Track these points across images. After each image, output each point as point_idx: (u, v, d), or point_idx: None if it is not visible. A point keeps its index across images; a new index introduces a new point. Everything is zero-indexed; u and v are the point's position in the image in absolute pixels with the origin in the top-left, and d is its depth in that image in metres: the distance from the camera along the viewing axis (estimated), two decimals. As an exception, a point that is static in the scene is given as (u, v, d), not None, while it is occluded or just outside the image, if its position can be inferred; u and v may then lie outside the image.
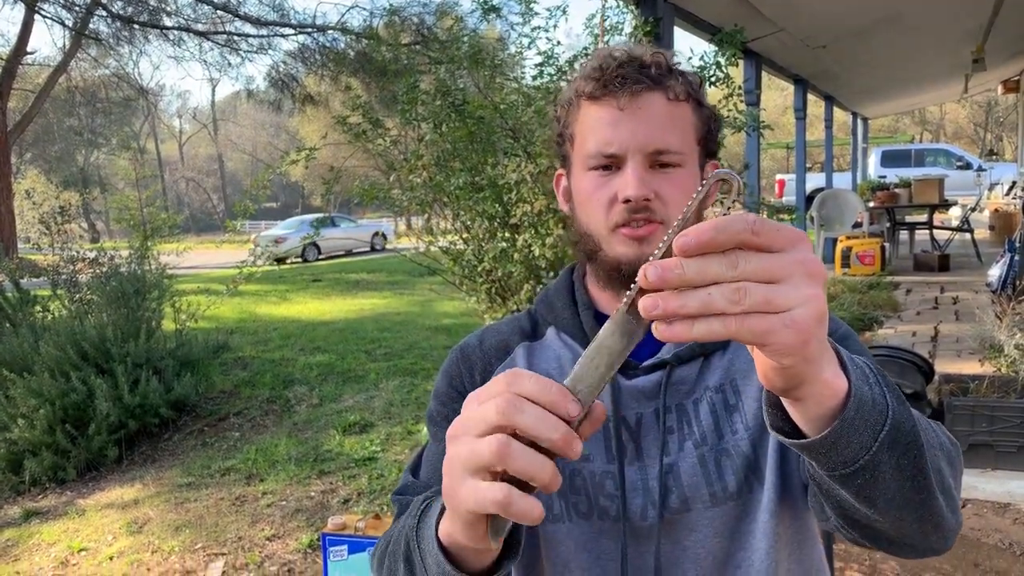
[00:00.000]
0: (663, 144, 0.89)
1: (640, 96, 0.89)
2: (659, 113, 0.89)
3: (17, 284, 5.78)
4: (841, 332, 0.95)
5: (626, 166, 0.90)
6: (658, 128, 0.89)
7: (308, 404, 5.80)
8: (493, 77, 3.74)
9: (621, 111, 0.89)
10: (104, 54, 20.27)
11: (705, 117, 0.94)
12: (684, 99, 0.91)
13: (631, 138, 0.89)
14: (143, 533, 3.85)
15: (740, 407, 0.93)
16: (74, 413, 4.78)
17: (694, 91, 0.93)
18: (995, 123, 40.52)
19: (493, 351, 1.04)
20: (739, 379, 0.94)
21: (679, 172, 0.91)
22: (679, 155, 0.90)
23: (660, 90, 0.90)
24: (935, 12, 6.25)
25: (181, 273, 6.73)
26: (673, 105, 0.90)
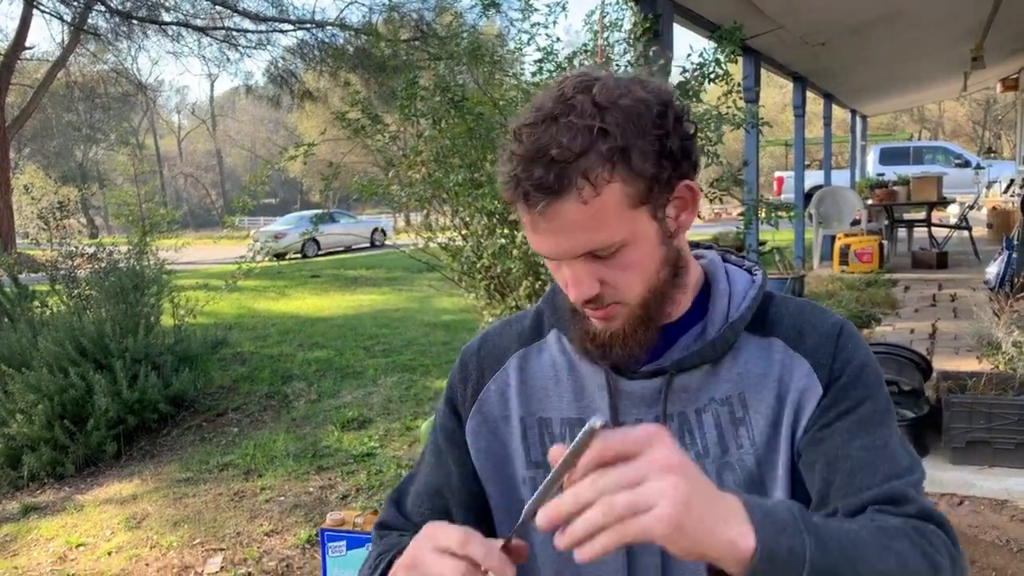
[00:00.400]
0: (588, 247, 0.82)
1: (549, 211, 0.79)
2: (575, 221, 0.79)
3: (16, 279, 5.78)
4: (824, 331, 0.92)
5: (563, 266, 0.85)
6: (578, 237, 0.80)
7: (306, 400, 5.81)
8: (492, 73, 3.74)
9: (538, 227, 0.82)
10: (103, 49, 20.24)
11: (647, 169, 0.80)
12: (606, 181, 0.78)
13: (556, 248, 0.83)
14: (141, 528, 3.86)
15: (748, 421, 0.91)
16: (72, 408, 4.78)
17: (620, 154, 0.78)
18: (993, 121, 40.53)
19: (489, 359, 1.03)
20: (748, 393, 0.91)
21: (623, 252, 0.83)
22: (613, 245, 0.82)
23: (569, 196, 0.78)
24: (934, 9, 6.25)
25: (179, 269, 6.73)
26: (591, 204, 0.78)
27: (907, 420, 3.54)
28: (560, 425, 0.97)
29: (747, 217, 4.08)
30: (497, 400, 1.01)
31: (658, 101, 0.81)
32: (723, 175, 3.83)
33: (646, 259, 0.85)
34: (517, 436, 0.99)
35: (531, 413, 0.99)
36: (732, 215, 22.32)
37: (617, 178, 0.79)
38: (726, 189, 3.83)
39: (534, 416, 0.99)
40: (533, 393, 0.99)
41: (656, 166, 0.80)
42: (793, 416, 0.90)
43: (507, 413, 1.00)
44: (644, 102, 0.80)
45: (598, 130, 0.77)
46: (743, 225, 4.17)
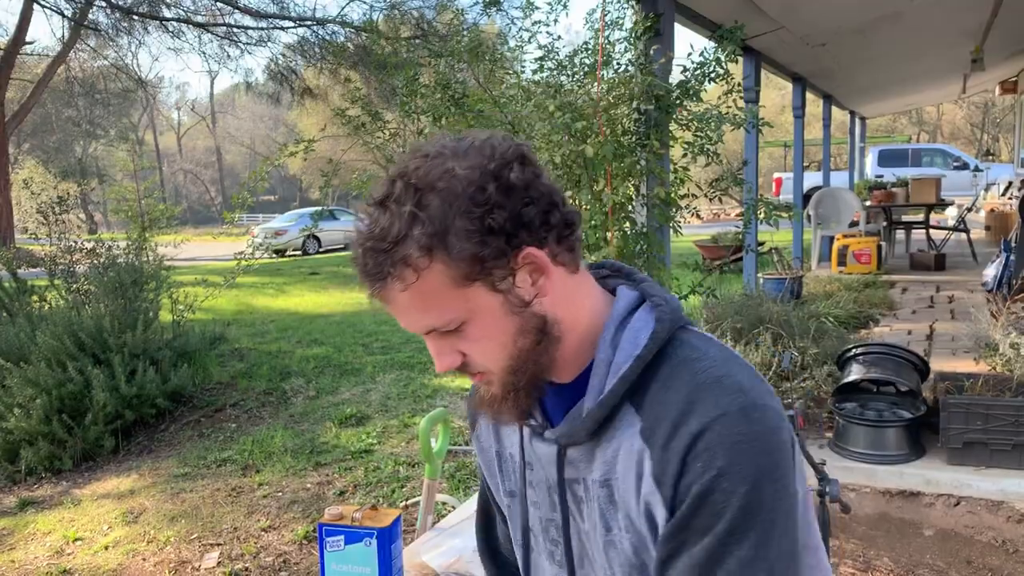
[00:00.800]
0: (426, 327, 0.84)
1: (379, 295, 0.83)
2: (404, 304, 0.82)
3: (14, 274, 5.79)
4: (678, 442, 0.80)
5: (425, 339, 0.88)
6: (412, 317, 0.83)
7: (305, 396, 5.81)
8: (493, 71, 3.75)
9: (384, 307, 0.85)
10: (103, 45, 20.23)
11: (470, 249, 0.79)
12: (424, 267, 0.79)
13: (404, 326, 0.86)
14: (139, 523, 3.86)
15: (622, 506, 0.88)
16: (71, 403, 4.78)
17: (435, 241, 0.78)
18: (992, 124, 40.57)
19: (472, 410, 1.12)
20: (619, 481, 0.87)
21: (469, 326, 0.83)
22: (451, 322, 0.83)
23: (391, 282, 0.80)
24: (934, 12, 6.25)
25: (178, 265, 6.73)
26: (414, 287, 0.80)
27: (904, 420, 3.54)
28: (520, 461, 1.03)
29: (746, 216, 4.08)
30: (486, 433, 1.11)
31: (481, 177, 0.79)
32: (723, 175, 3.84)
33: (495, 331, 0.83)
34: (496, 467, 1.09)
35: (504, 447, 1.08)
36: (731, 216, 22.37)
37: (437, 261, 0.79)
38: (725, 189, 3.83)
39: (505, 450, 1.08)
40: (502, 429, 1.07)
41: (479, 244, 0.79)
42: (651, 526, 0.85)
43: (492, 444, 1.10)
44: (464, 180, 0.79)
45: (413, 215, 0.78)
46: (742, 225, 4.18)
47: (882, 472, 3.46)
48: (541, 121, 3.22)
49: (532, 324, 0.84)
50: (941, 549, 3.08)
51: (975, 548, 3.08)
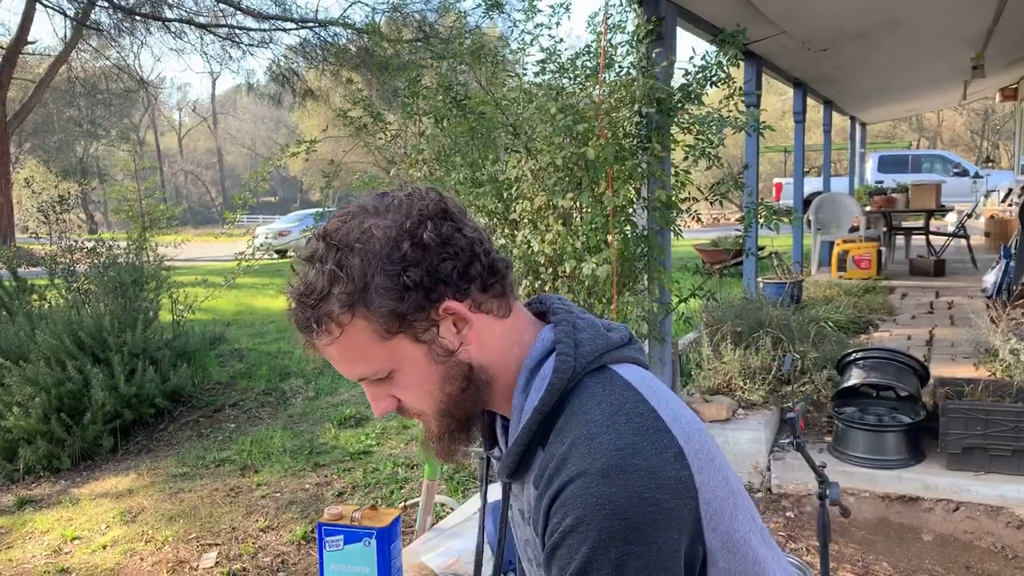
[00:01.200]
0: (356, 376, 0.89)
1: (311, 345, 0.87)
2: (334, 355, 0.87)
3: (15, 273, 5.79)
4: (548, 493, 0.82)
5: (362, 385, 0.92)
6: (343, 366, 0.88)
7: (304, 397, 5.81)
8: (495, 73, 3.75)
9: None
10: (105, 45, 20.25)
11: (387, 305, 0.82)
12: (345, 323, 0.83)
13: (340, 373, 0.90)
14: (137, 522, 3.85)
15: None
16: (70, 402, 4.78)
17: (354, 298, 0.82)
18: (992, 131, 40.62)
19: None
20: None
21: (395, 376, 0.88)
22: (379, 371, 0.87)
23: (319, 335, 0.85)
24: (936, 18, 6.26)
25: (179, 265, 6.73)
26: (340, 340, 0.84)
27: (904, 425, 3.54)
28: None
29: (747, 220, 4.08)
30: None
31: (397, 235, 0.83)
32: (724, 179, 3.84)
33: (421, 380, 0.88)
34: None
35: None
36: (731, 220, 22.37)
37: (359, 316, 0.83)
38: (726, 193, 3.83)
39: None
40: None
41: (397, 300, 0.82)
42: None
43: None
44: (380, 240, 0.83)
45: (334, 274, 0.83)
46: (743, 228, 4.18)
47: (881, 477, 3.46)
48: (543, 123, 3.22)
49: (457, 371, 0.88)
50: (940, 554, 3.08)
51: (974, 554, 3.08)
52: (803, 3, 5.29)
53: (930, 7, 5.84)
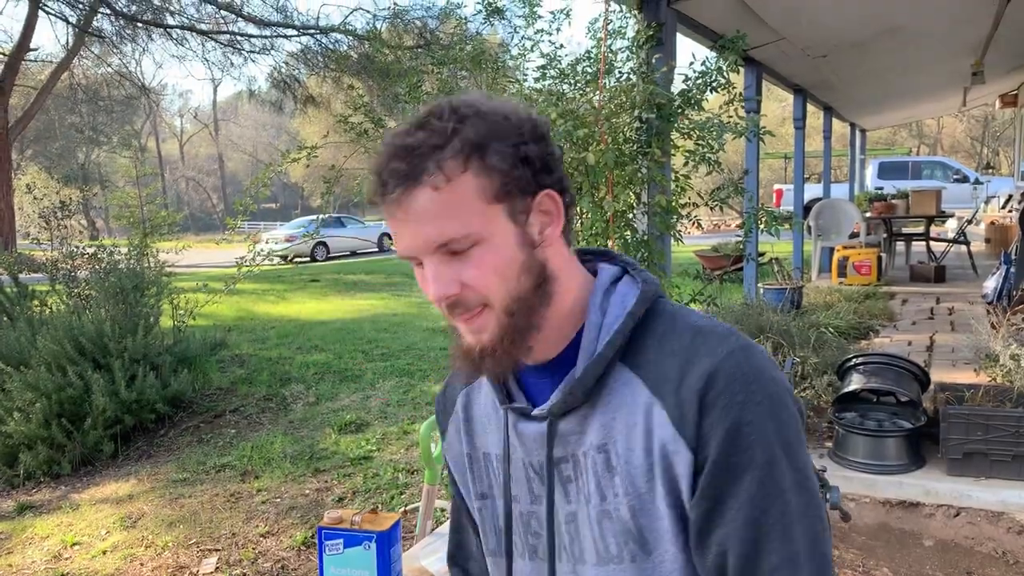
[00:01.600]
0: (442, 238, 0.83)
1: (404, 200, 0.83)
2: (428, 210, 0.82)
3: (16, 278, 5.80)
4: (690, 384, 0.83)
5: (424, 265, 0.87)
6: (432, 226, 0.83)
7: (304, 402, 5.81)
8: (495, 79, 3.76)
9: (395, 218, 0.85)
10: (107, 52, 20.31)
11: (502, 166, 0.83)
12: (459, 172, 0.82)
13: (412, 243, 0.85)
14: (137, 528, 3.85)
15: (620, 470, 0.88)
16: (70, 408, 4.78)
17: (472, 148, 0.82)
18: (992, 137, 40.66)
19: (447, 402, 1.12)
20: (619, 441, 0.88)
21: (479, 250, 0.84)
22: (467, 237, 0.83)
23: (422, 185, 0.82)
24: (935, 25, 6.28)
25: (180, 271, 6.74)
26: (443, 192, 0.82)
27: (904, 431, 3.54)
28: (494, 460, 1.04)
29: (747, 226, 4.09)
30: (455, 438, 1.10)
31: (518, 114, 0.86)
32: (724, 184, 3.85)
33: (504, 261, 0.85)
34: (468, 470, 1.08)
35: (475, 448, 1.06)
36: (731, 227, 22.40)
37: (471, 171, 0.82)
38: (726, 198, 3.84)
39: (478, 451, 1.06)
40: (474, 429, 1.06)
41: (512, 166, 0.84)
42: (667, 476, 0.85)
43: (461, 449, 1.09)
44: (503, 113, 0.85)
45: (455, 129, 0.83)
46: (743, 234, 4.19)
47: (882, 482, 3.45)
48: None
49: (535, 267, 0.87)
50: (941, 560, 3.08)
51: (975, 559, 3.07)
52: (803, 10, 5.31)
53: (929, 14, 5.86)
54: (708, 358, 0.82)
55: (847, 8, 5.39)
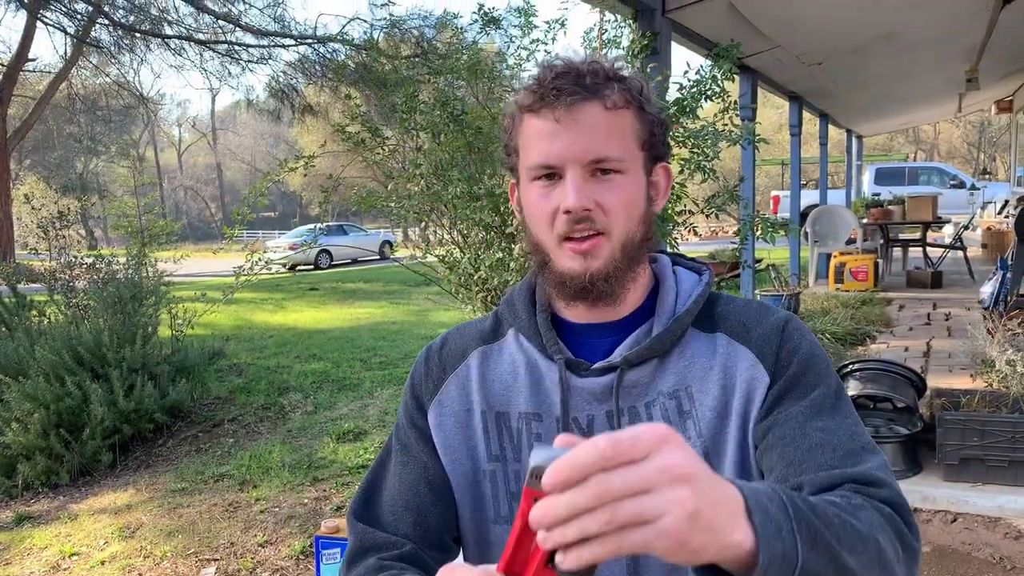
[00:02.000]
0: (600, 153, 0.89)
1: (576, 107, 0.89)
2: (596, 123, 0.89)
3: (14, 289, 5.80)
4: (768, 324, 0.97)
5: (566, 177, 0.90)
6: (595, 138, 0.89)
7: (303, 411, 5.81)
8: (492, 88, 3.78)
9: (558, 123, 0.89)
10: (105, 62, 20.33)
11: (648, 121, 0.94)
12: (623, 106, 0.91)
13: (568, 149, 0.89)
14: (135, 538, 3.85)
15: (694, 414, 0.94)
16: (68, 418, 4.78)
17: (635, 97, 0.93)
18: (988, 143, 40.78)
19: (450, 357, 1.06)
20: (694, 385, 0.95)
21: (620, 178, 0.91)
22: (619, 162, 0.90)
23: (597, 99, 0.90)
24: (930, 32, 6.32)
25: (178, 280, 6.74)
26: (611, 113, 0.90)
27: (901, 436, 3.55)
28: (517, 419, 1.00)
29: (743, 233, 4.11)
30: (458, 394, 1.04)
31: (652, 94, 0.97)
32: (719, 192, 3.86)
33: (633, 199, 0.93)
34: (479, 429, 1.02)
35: (491, 407, 1.02)
36: (728, 233, 22.42)
37: (632, 110, 0.93)
38: (722, 206, 3.86)
39: (493, 411, 1.02)
40: (492, 388, 1.03)
41: (657, 125, 0.95)
42: (743, 406, 0.93)
43: (469, 406, 1.03)
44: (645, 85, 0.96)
45: (623, 77, 0.93)
46: (739, 241, 4.20)
47: (879, 488, 3.46)
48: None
49: (649, 218, 0.97)
50: (939, 566, 3.08)
51: (972, 565, 3.08)
52: (797, 18, 5.34)
53: (923, 21, 5.89)
54: (776, 314, 0.98)
55: (841, 16, 5.42)
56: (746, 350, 0.95)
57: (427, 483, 1.02)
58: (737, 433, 0.93)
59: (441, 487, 1.02)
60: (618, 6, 3.82)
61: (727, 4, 4.44)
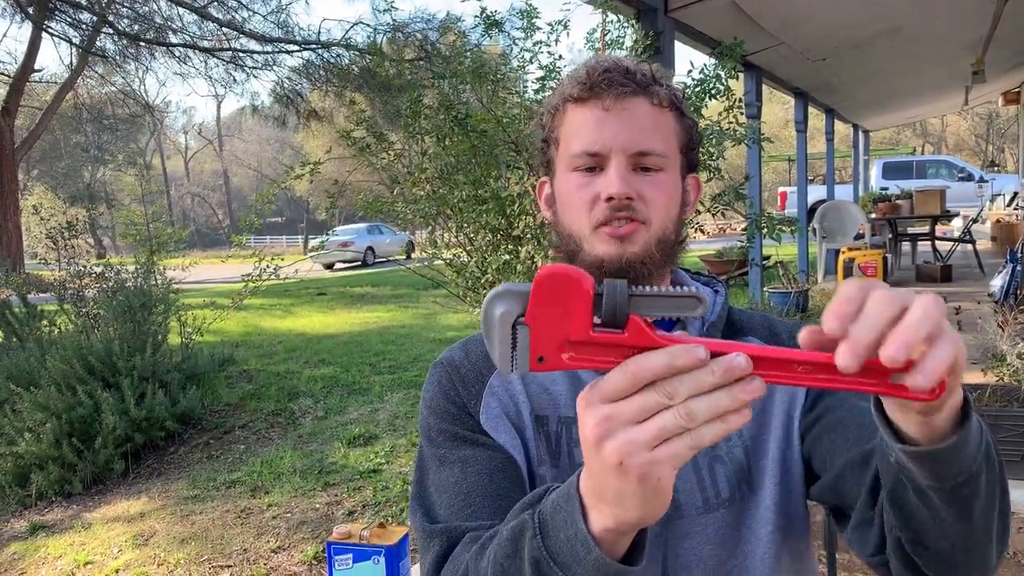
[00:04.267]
0: (646, 146, 0.91)
1: (625, 98, 0.91)
2: (643, 116, 0.91)
3: (24, 299, 5.83)
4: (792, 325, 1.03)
5: (609, 166, 0.91)
6: (641, 130, 0.91)
7: (313, 417, 5.82)
8: (496, 91, 3.78)
9: (606, 112, 0.91)
10: (111, 71, 20.45)
11: (687, 128, 0.96)
12: (667, 107, 0.93)
13: (615, 138, 0.91)
14: (149, 546, 3.87)
15: None
16: (80, 427, 4.80)
17: (677, 101, 0.95)
18: (996, 135, 40.56)
19: (483, 361, 1.01)
20: None
21: (661, 176, 0.93)
22: (662, 158, 0.92)
23: (645, 95, 0.92)
24: (935, 25, 6.29)
25: (187, 288, 6.77)
26: (657, 110, 0.92)
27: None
28: (556, 423, 0.97)
29: (750, 231, 4.10)
30: (504, 394, 0.99)
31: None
32: (725, 190, 3.86)
33: (672, 197, 0.95)
34: (530, 431, 0.98)
35: (531, 411, 0.99)
36: (736, 230, 22.37)
37: (673, 112, 0.95)
38: (728, 204, 3.85)
39: (532, 414, 0.99)
40: (531, 389, 0.99)
41: (693, 131, 0.98)
42: (785, 404, 0.96)
43: (517, 408, 0.99)
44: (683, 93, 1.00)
45: (668, 84, 0.95)
46: (746, 239, 4.19)
47: (891, 485, 3.44)
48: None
49: (680, 224, 0.99)
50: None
51: (987, 560, 3.06)
52: (801, 14, 5.33)
53: (928, 14, 5.87)
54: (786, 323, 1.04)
55: (845, 11, 5.41)
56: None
57: (502, 473, 0.93)
58: (780, 431, 0.95)
59: (514, 472, 0.94)
60: (620, 6, 3.82)
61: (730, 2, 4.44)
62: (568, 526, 0.64)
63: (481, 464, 0.94)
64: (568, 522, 0.64)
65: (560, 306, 0.55)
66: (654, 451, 0.55)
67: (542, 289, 0.55)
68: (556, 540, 0.66)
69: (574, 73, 0.96)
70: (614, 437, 0.56)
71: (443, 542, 0.87)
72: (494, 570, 0.73)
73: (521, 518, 0.71)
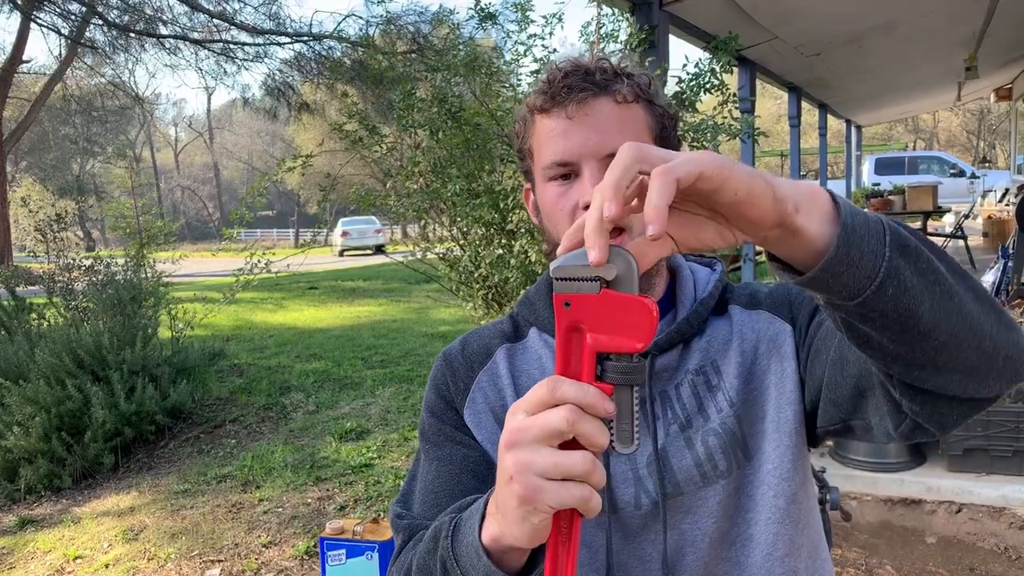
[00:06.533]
0: (615, 146, 0.86)
1: (587, 103, 0.90)
2: (608, 117, 0.91)
3: (13, 292, 5.77)
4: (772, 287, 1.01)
5: (583, 173, 0.90)
6: (608, 132, 0.90)
7: (304, 411, 5.80)
8: (489, 84, 3.76)
9: (570, 120, 0.90)
10: (100, 63, 20.27)
11: (659, 115, 0.95)
12: (633, 100, 0.92)
13: (583, 145, 0.90)
14: (139, 541, 3.84)
15: (722, 386, 0.95)
16: (70, 421, 4.77)
17: (643, 91, 0.93)
18: (988, 131, 40.74)
19: (475, 356, 1.05)
20: (718, 358, 0.96)
21: None
22: None
23: (607, 95, 0.91)
24: (928, 20, 6.30)
25: (177, 281, 6.73)
26: (622, 108, 0.91)
27: (905, 428, 3.54)
28: None
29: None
30: (491, 389, 1.02)
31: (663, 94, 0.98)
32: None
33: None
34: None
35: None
36: (729, 225, 22.40)
37: (642, 104, 0.93)
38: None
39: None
40: (522, 383, 1.01)
41: (668, 119, 0.96)
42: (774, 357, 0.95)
43: (503, 402, 1.01)
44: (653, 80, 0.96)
45: (631, 75, 0.94)
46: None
47: (883, 480, 3.45)
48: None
49: None
50: (944, 556, 3.08)
51: (978, 555, 3.07)
52: (795, 8, 5.32)
53: (921, 10, 5.87)
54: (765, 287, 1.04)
55: (840, 6, 5.40)
56: (760, 312, 0.99)
57: (471, 472, 0.97)
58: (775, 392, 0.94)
59: (485, 471, 0.97)
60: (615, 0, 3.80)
61: (724, -4, 4.43)
62: (468, 532, 0.70)
63: (455, 463, 0.98)
64: (469, 527, 0.70)
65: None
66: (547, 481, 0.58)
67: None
68: (462, 544, 0.71)
69: (538, 81, 0.96)
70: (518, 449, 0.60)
71: (404, 537, 0.92)
72: (418, 564, 0.80)
73: (445, 518, 0.77)
